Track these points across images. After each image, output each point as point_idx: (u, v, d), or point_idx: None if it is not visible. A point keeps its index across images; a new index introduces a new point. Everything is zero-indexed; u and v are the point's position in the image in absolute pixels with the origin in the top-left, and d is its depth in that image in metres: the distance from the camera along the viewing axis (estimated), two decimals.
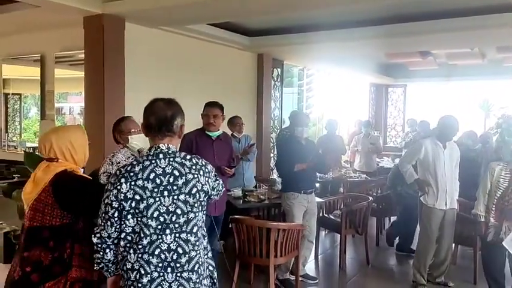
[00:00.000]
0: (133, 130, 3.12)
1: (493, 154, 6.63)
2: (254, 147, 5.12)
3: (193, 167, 1.98)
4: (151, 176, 1.90)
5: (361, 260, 5.40)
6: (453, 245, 4.84)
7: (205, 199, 2.02)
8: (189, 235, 1.95)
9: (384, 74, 10.68)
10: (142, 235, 1.89)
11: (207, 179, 2.02)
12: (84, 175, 2.34)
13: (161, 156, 1.95)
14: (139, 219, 1.89)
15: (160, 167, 1.93)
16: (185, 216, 1.94)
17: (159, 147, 1.97)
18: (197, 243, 1.97)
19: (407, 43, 6.74)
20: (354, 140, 8.25)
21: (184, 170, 1.95)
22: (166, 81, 5.31)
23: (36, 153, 5.40)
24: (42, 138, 2.33)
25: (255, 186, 5.45)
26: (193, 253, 1.95)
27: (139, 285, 1.88)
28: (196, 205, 1.97)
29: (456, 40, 6.45)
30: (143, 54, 5.13)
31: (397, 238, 5.72)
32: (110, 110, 4.51)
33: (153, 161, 1.94)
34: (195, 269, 1.95)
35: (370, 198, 5.34)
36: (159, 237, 1.90)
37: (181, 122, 2.04)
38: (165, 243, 1.90)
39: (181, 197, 1.93)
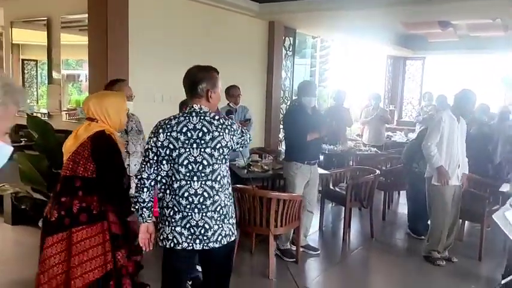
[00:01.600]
0: (128, 95, 3.07)
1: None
2: (250, 122, 5.02)
3: (220, 126, 2.32)
4: (184, 129, 2.28)
5: (365, 233, 5.36)
6: (460, 220, 4.76)
7: (228, 153, 2.36)
8: (213, 182, 2.31)
9: (402, 45, 10.32)
10: (174, 179, 2.28)
11: (231, 136, 2.35)
12: (118, 139, 2.59)
13: (193, 114, 2.31)
14: (172, 165, 2.29)
15: (192, 123, 2.29)
16: (210, 167, 2.29)
17: (192, 106, 2.34)
18: (220, 189, 2.33)
19: (425, 12, 6.45)
20: (363, 113, 8.07)
21: (211, 127, 2.30)
22: (172, 47, 5.22)
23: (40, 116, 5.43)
24: (85, 101, 2.69)
25: (260, 157, 5.39)
26: (216, 197, 2.31)
27: (173, 220, 2.30)
28: (220, 158, 2.31)
29: (477, 9, 6.15)
30: (148, 19, 5.02)
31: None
32: (113, 77, 4.45)
33: (187, 118, 2.30)
34: (217, 209, 2.32)
35: (377, 171, 5.24)
36: (188, 182, 2.28)
37: (207, 87, 2.33)
38: (193, 188, 2.28)
39: (208, 150, 2.28)
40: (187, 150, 2.26)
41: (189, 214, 2.28)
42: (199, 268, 3.09)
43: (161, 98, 5.22)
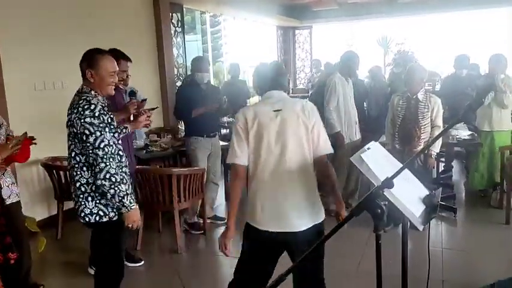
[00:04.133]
0: None
1: (385, 87, 7.09)
2: (146, 102, 4.94)
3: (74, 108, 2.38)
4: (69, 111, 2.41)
5: None
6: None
7: (79, 138, 2.38)
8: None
9: (290, 16, 10.71)
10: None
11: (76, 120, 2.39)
12: None
13: (76, 93, 2.46)
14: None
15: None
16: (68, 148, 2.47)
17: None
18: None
19: None
20: None
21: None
22: (48, 27, 4.86)
23: None
24: None
25: (159, 136, 5.36)
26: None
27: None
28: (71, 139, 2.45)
29: None
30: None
31: None
32: None
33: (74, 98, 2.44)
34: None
35: None
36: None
37: (87, 67, 2.41)
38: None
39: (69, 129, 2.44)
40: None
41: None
42: None
43: (43, 85, 4.90)
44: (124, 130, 2.99)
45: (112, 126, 2.38)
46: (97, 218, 2.41)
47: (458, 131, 4.81)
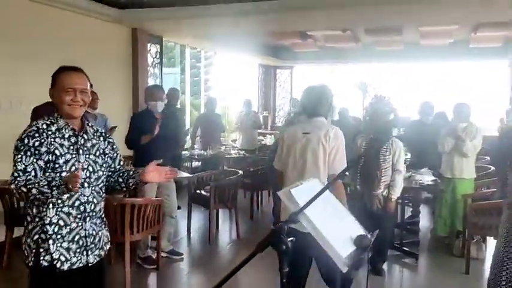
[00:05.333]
0: None
1: (351, 128, 7.13)
2: (115, 130, 4.93)
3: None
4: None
5: (233, 234, 5.50)
6: None
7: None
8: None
9: (272, 55, 10.91)
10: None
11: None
12: None
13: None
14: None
15: None
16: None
17: None
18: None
19: (282, 20, 6.83)
20: (236, 119, 8.36)
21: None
22: (27, 54, 4.86)
23: None
24: None
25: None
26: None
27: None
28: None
29: (326, 19, 6.70)
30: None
31: None
32: None
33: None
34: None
35: (240, 172, 5.42)
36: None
37: (51, 87, 2.16)
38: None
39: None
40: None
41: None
42: None
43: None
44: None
45: (37, 152, 2.02)
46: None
47: (422, 176, 4.81)
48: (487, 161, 5.98)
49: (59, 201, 2.07)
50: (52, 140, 2.07)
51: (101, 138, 2.28)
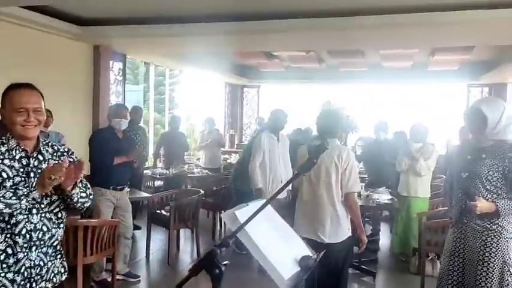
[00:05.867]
0: None
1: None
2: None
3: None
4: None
5: (194, 254, 5.42)
6: None
7: None
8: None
9: (239, 74, 10.99)
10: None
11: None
12: None
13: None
14: None
15: None
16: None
17: None
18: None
19: (248, 41, 6.91)
20: (199, 137, 8.34)
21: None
22: None
23: None
24: None
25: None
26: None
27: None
28: None
29: (290, 41, 6.82)
30: None
31: None
32: None
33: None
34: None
35: (202, 192, 5.37)
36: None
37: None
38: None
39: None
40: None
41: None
42: None
43: None
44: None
45: None
46: None
47: (379, 194, 4.90)
48: (442, 180, 6.15)
49: (8, 225, 1.92)
50: (0, 161, 1.96)
51: (62, 158, 2.06)
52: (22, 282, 1.97)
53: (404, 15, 4.87)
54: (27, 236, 1.95)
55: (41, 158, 2.04)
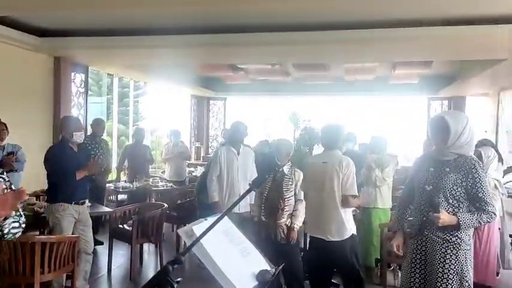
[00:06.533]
0: None
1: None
2: (14, 156, 4.68)
3: None
4: None
5: (157, 269, 5.31)
6: None
7: None
8: None
9: (205, 86, 10.97)
10: None
11: None
12: None
13: None
14: None
15: None
16: None
17: None
18: None
19: (213, 54, 6.92)
20: (164, 150, 8.25)
21: None
22: None
23: None
24: None
25: (38, 199, 4.96)
26: None
27: None
28: None
29: (255, 54, 6.88)
30: None
31: None
32: None
33: None
34: None
35: (165, 205, 5.30)
36: None
37: None
38: None
39: None
40: None
41: None
42: None
43: None
44: None
45: None
46: None
47: None
48: None
49: None
50: None
51: None
52: None
53: (367, 31, 5.01)
54: None
55: None
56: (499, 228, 4.65)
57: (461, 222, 2.57)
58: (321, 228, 3.66)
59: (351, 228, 3.67)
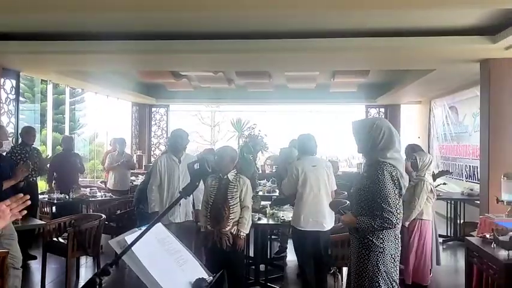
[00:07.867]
0: None
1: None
2: None
3: None
4: None
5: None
6: None
7: None
8: None
9: (146, 94, 10.75)
10: None
11: None
12: None
13: None
14: None
15: None
16: None
17: None
18: None
19: (153, 61, 6.80)
20: (108, 158, 7.97)
21: None
22: None
23: None
24: None
25: None
26: None
27: None
28: None
29: (197, 61, 6.83)
30: None
31: None
32: None
33: None
34: None
35: (103, 216, 5.10)
36: None
37: None
38: None
39: None
40: None
41: None
42: None
43: None
44: None
45: None
46: None
47: (284, 212, 5.01)
48: (345, 196, 6.48)
49: None
50: None
51: None
52: None
53: (307, 40, 5.13)
54: None
55: None
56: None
57: (357, 225, 2.76)
58: (320, 222, 4.23)
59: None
